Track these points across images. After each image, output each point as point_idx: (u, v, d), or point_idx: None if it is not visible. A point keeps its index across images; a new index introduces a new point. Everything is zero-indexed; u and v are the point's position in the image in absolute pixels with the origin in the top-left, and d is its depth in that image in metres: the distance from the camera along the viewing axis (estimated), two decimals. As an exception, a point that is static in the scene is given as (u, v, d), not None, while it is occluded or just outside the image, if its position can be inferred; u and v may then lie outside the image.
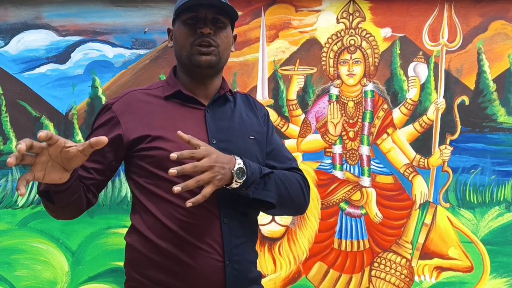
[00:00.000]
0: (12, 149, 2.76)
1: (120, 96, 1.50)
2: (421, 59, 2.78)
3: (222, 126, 1.48)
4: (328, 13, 2.77)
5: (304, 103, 2.80)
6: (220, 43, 1.44)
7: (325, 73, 2.79)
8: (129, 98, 1.48)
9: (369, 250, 2.80)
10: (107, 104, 1.48)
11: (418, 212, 2.79)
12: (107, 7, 2.74)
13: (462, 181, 2.79)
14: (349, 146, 2.79)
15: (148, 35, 2.75)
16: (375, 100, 2.79)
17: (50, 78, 2.76)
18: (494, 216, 2.79)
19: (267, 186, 1.40)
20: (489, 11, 2.77)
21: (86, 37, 2.75)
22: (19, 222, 2.77)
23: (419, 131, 2.79)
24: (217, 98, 1.51)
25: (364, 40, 2.78)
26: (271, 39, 2.78)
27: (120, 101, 1.48)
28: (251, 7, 2.76)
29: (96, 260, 2.76)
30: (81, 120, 2.77)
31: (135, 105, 1.46)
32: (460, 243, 2.80)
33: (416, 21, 2.77)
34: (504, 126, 2.79)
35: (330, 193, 2.80)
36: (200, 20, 1.42)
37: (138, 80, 2.75)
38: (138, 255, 1.42)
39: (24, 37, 2.76)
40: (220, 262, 1.38)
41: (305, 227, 2.80)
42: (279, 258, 2.80)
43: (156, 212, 1.39)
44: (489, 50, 2.78)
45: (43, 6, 2.74)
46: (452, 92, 2.78)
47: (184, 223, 1.37)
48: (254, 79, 2.79)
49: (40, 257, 2.77)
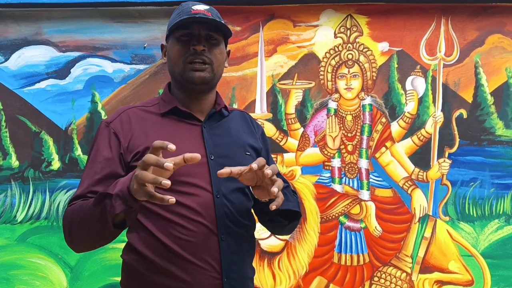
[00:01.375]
0: (11, 164, 2.77)
1: (117, 115, 1.48)
2: (419, 73, 2.79)
3: (220, 142, 1.48)
4: (325, 28, 2.79)
5: (302, 117, 2.81)
6: (214, 60, 1.45)
7: (323, 87, 2.80)
8: (127, 116, 1.47)
9: (369, 264, 2.79)
10: (105, 123, 1.47)
11: (418, 226, 2.78)
12: (107, 23, 2.76)
13: (461, 194, 2.79)
14: (347, 160, 2.79)
15: (147, 51, 2.77)
16: (373, 113, 2.80)
17: (50, 93, 2.78)
18: (494, 229, 2.79)
19: (288, 197, 1.46)
20: (485, 25, 2.79)
21: (85, 53, 2.78)
22: (18, 237, 2.77)
23: (418, 145, 2.79)
24: (213, 113, 1.52)
25: (362, 55, 2.80)
26: (270, 54, 2.80)
27: (118, 119, 1.47)
28: (250, 23, 2.78)
29: (95, 276, 2.75)
30: (80, 135, 2.77)
31: (133, 122, 1.46)
32: (460, 257, 2.79)
33: (413, 35, 2.79)
34: (503, 139, 2.80)
35: (329, 206, 2.79)
36: (194, 37, 1.43)
37: (138, 95, 2.76)
38: (135, 273, 1.41)
39: (24, 53, 2.78)
40: (218, 279, 1.37)
41: (305, 241, 2.79)
42: (278, 273, 2.79)
43: (153, 230, 1.37)
44: (486, 64, 2.80)
45: (43, 22, 2.76)
46: (450, 105, 2.80)
47: (182, 240, 1.36)
48: (252, 93, 2.80)
49: (39, 273, 2.76)
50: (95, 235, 1.29)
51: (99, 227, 1.24)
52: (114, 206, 1.17)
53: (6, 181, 2.77)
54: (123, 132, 1.43)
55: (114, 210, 1.18)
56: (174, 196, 1.30)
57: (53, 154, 2.77)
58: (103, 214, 1.21)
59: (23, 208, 2.77)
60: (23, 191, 2.78)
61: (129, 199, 1.16)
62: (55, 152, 2.77)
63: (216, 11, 1.49)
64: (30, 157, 2.78)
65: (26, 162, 2.78)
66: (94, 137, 1.49)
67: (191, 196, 1.37)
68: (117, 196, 1.18)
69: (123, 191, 1.17)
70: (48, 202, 2.77)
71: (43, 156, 2.78)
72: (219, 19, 1.45)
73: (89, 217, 1.25)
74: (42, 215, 2.77)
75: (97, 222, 1.23)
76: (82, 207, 1.30)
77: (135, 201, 1.17)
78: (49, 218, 2.76)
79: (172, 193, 1.32)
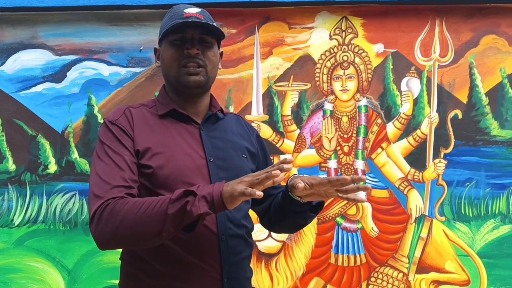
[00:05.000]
0: (8, 168, 2.77)
1: (120, 113, 1.47)
2: (414, 74, 2.81)
3: (217, 145, 1.49)
4: (321, 30, 2.80)
5: (298, 118, 2.82)
6: (207, 62, 1.45)
7: (319, 88, 2.82)
8: (129, 113, 1.47)
9: (366, 265, 2.80)
10: (110, 121, 1.44)
11: (414, 226, 2.79)
12: (103, 26, 2.77)
13: (457, 195, 2.80)
14: (344, 161, 2.80)
15: (143, 54, 2.78)
16: (369, 115, 2.81)
17: (46, 97, 2.78)
18: (490, 229, 2.80)
19: None
20: (480, 26, 2.81)
21: (82, 56, 2.78)
22: (15, 241, 2.77)
23: (413, 145, 2.81)
24: (209, 116, 1.53)
25: (357, 56, 2.81)
26: (265, 56, 2.81)
27: (123, 116, 1.46)
28: (245, 25, 2.79)
29: (92, 279, 2.75)
30: (77, 138, 2.77)
31: (136, 120, 1.45)
32: (457, 257, 2.80)
33: (408, 36, 2.80)
34: (498, 139, 2.81)
35: (326, 207, 2.80)
36: (187, 41, 1.43)
37: (134, 97, 2.77)
38: (134, 275, 1.42)
39: (20, 57, 2.78)
40: (218, 280, 1.39)
41: (302, 243, 2.80)
42: (276, 274, 2.79)
43: None
44: (481, 64, 2.81)
45: (39, 26, 2.77)
46: (445, 106, 2.81)
47: (183, 241, 1.36)
48: (248, 95, 2.81)
49: (36, 276, 2.76)
50: (153, 231, 1.23)
51: (167, 226, 1.22)
52: (198, 206, 1.20)
53: (3, 185, 2.77)
54: (131, 128, 1.43)
55: (198, 210, 1.19)
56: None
57: (50, 158, 2.77)
58: (180, 212, 1.20)
59: (20, 211, 2.77)
60: (20, 194, 2.78)
61: (218, 204, 1.21)
62: (52, 155, 2.77)
63: (208, 14, 1.50)
64: (26, 161, 2.78)
65: (23, 166, 2.78)
66: (102, 134, 1.43)
67: None
68: (203, 198, 1.20)
69: (213, 195, 1.20)
70: (45, 206, 2.77)
71: (40, 160, 2.78)
72: (211, 22, 1.45)
73: (158, 211, 1.22)
74: (39, 218, 2.77)
75: (169, 220, 1.22)
76: (145, 203, 1.25)
77: (223, 208, 1.21)
78: (46, 221, 2.77)
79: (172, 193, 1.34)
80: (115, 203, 1.27)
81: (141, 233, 1.25)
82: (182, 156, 1.41)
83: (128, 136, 1.41)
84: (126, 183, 1.32)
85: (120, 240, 1.28)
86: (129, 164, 1.36)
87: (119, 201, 1.28)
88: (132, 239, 1.27)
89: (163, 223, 1.22)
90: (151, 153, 1.39)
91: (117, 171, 1.33)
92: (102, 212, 1.27)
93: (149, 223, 1.23)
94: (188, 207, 1.20)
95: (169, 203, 1.21)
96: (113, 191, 1.30)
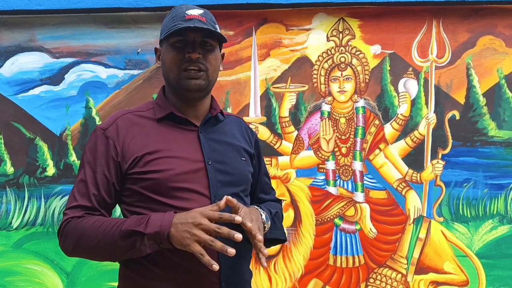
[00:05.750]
0: (6, 170, 2.77)
1: (112, 121, 1.45)
2: (411, 75, 2.81)
3: (216, 148, 1.47)
4: (318, 31, 2.81)
5: (296, 120, 2.82)
6: (209, 66, 1.43)
7: (316, 90, 2.82)
8: (122, 122, 1.45)
9: (364, 266, 2.80)
10: (100, 129, 1.44)
11: (412, 227, 2.80)
12: (100, 29, 2.77)
13: (455, 195, 2.80)
14: (342, 162, 2.81)
15: (141, 56, 2.78)
16: (366, 116, 2.81)
17: (44, 99, 2.78)
18: (488, 230, 2.80)
19: (277, 225, 1.54)
20: (477, 27, 2.81)
21: (79, 59, 2.78)
22: (13, 244, 2.77)
23: (411, 146, 2.81)
24: (209, 118, 1.51)
25: (354, 57, 2.81)
26: (263, 58, 2.81)
27: (113, 125, 1.44)
28: (243, 27, 2.79)
29: (91, 281, 2.75)
30: (75, 141, 2.78)
31: (129, 128, 1.44)
32: (455, 257, 2.80)
33: (405, 38, 2.81)
34: (495, 140, 2.81)
35: (324, 209, 2.80)
36: (189, 44, 1.41)
37: (132, 100, 2.77)
38: (133, 278, 1.40)
39: (18, 60, 2.78)
40: (216, 284, 1.37)
41: (300, 244, 2.80)
42: (274, 276, 2.79)
43: None
44: (478, 65, 2.82)
45: (36, 29, 2.77)
46: (442, 107, 2.81)
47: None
48: (246, 97, 2.81)
49: (35, 279, 2.76)
50: (107, 257, 1.35)
51: (118, 254, 1.32)
52: (147, 245, 1.27)
53: (1, 188, 2.77)
54: (119, 139, 1.41)
55: (146, 250, 1.27)
56: (173, 202, 1.33)
57: (48, 160, 2.77)
58: (129, 248, 1.29)
59: (19, 214, 2.77)
60: (18, 197, 2.78)
61: (165, 243, 1.26)
62: (50, 158, 2.77)
63: (211, 15, 1.47)
64: (25, 164, 2.78)
65: (21, 169, 2.78)
66: (88, 142, 1.45)
67: (189, 201, 1.36)
68: (151, 237, 1.26)
69: (160, 235, 1.25)
70: (43, 208, 2.77)
71: (38, 162, 2.78)
72: (214, 23, 1.44)
73: (109, 244, 1.30)
74: (38, 221, 2.77)
75: (119, 251, 1.30)
76: (99, 228, 1.32)
77: (171, 245, 1.26)
78: (45, 224, 2.77)
79: (171, 199, 1.34)
80: (74, 223, 1.36)
81: (95, 257, 1.39)
82: (180, 160, 1.39)
83: (112, 148, 1.41)
84: (89, 203, 1.39)
85: (81, 256, 1.42)
86: (99, 183, 1.39)
87: (76, 221, 1.36)
88: (90, 258, 1.42)
89: (112, 253, 1.32)
90: (148, 158, 1.38)
91: (86, 189, 1.39)
92: (63, 228, 1.38)
93: (103, 251, 1.33)
94: (136, 245, 1.28)
95: (118, 236, 1.29)
96: (77, 209, 1.38)
